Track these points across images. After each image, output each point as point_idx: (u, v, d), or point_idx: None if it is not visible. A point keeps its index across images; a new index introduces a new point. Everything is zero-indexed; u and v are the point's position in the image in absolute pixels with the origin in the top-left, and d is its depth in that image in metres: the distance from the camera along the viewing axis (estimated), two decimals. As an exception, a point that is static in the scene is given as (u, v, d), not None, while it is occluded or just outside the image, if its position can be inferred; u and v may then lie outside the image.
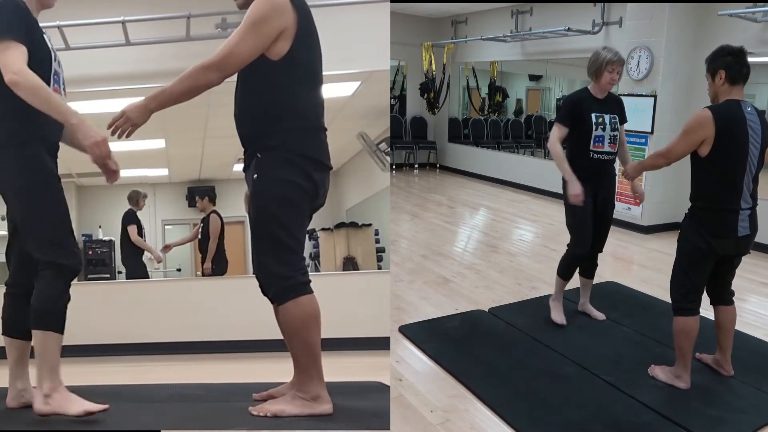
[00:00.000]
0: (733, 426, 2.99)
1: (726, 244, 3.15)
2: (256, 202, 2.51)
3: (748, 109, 3.12)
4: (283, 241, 2.48)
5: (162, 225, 5.91)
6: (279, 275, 2.48)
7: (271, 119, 2.49)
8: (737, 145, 3.08)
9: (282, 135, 2.47)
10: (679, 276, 3.27)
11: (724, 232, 3.13)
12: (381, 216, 5.65)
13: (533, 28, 9.52)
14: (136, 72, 4.71)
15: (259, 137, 2.52)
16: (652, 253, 6.28)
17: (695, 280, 3.22)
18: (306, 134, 2.54)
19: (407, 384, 3.39)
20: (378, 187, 5.54)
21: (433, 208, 8.57)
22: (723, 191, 3.12)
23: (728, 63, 3.13)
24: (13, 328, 2.66)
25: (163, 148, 5.76)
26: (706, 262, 3.20)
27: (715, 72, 3.16)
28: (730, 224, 3.12)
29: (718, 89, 3.18)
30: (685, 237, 3.25)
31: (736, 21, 6.37)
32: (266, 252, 2.50)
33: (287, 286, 2.48)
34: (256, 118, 2.52)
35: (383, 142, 5.32)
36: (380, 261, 5.36)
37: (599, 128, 3.90)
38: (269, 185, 2.48)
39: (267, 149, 2.49)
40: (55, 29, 4.56)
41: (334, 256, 5.40)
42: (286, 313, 2.47)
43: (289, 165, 2.47)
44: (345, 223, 5.46)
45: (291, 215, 2.50)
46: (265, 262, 2.50)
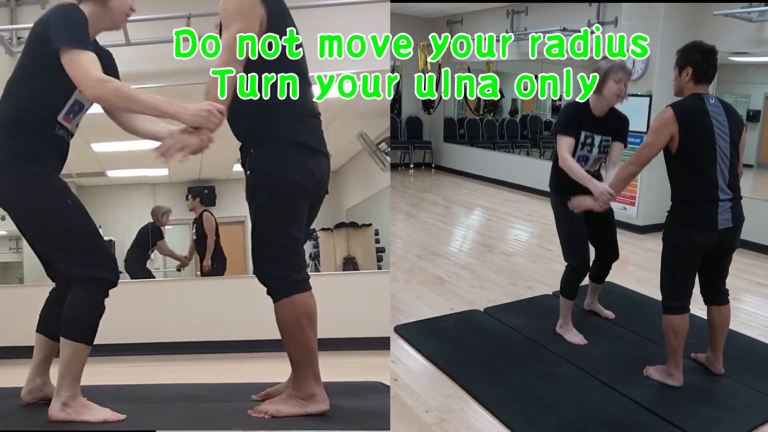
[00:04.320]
0: (727, 426, 3.02)
1: (707, 237, 3.16)
2: (251, 199, 2.52)
3: (711, 101, 3.19)
4: (278, 239, 2.48)
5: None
6: (273, 274, 2.49)
7: (261, 112, 2.49)
8: (703, 136, 3.13)
9: (271, 126, 2.47)
10: (664, 274, 3.31)
11: (704, 224, 3.15)
12: (381, 216, 5.66)
13: (528, 28, 9.55)
14: (136, 72, 4.71)
15: (251, 133, 2.53)
16: (647, 252, 6.31)
17: (681, 278, 3.24)
18: (297, 121, 2.53)
19: (403, 384, 3.40)
20: (378, 187, 5.55)
21: (428, 207, 8.59)
22: (698, 184, 3.16)
23: (696, 61, 3.18)
24: (45, 328, 2.67)
25: (163, 148, 5.74)
26: (690, 258, 3.22)
27: (683, 67, 3.21)
28: (710, 216, 3.14)
29: (683, 84, 3.24)
30: (667, 235, 3.31)
31: (731, 21, 6.41)
32: (261, 249, 2.50)
33: (281, 285, 2.48)
34: (248, 113, 2.51)
35: (383, 142, 5.34)
36: (380, 261, 5.37)
37: (585, 148, 3.81)
38: (262, 182, 2.48)
39: (258, 143, 2.49)
40: (55, 29, 4.57)
41: (334, 256, 5.40)
42: (279, 311, 2.48)
43: (282, 158, 2.46)
44: (345, 223, 5.47)
45: (286, 212, 2.49)
46: (260, 260, 2.51)
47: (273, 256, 2.49)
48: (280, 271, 2.48)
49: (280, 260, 2.49)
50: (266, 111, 2.49)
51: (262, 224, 2.49)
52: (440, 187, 10.49)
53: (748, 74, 7.62)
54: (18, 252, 5.92)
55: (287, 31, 2.54)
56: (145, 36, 4.67)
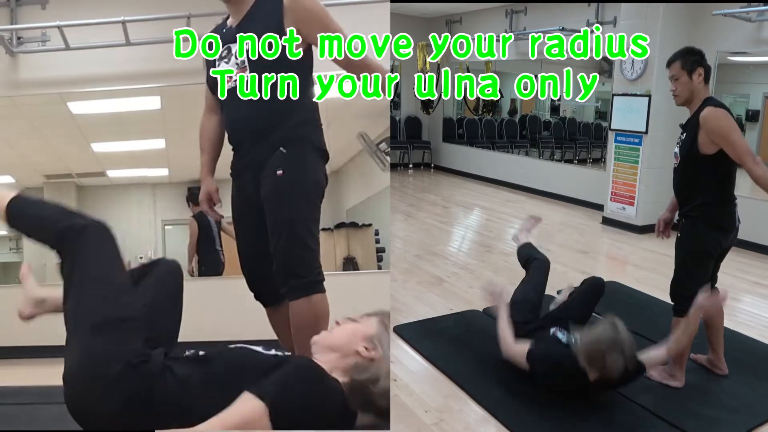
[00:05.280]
0: (727, 426, 3.03)
1: (729, 237, 3.22)
2: (283, 201, 2.50)
3: None
4: (306, 240, 2.50)
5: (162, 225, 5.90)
6: (298, 274, 2.50)
7: (290, 113, 2.51)
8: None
9: (303, 128, 2.51)
10: (683, 278, 3.26)
11: (729, 224, 3.19)
12: (381, 216, 5.67)
13: (527, 28, 9.56)
14: (136, 72, 4.71)
15: (276, 131, 2.51)
16: (646, 252, 6.32)
17: (700, 280, 3.20)
18: (318, 127, 2.60)
19: (401, 384, 3.41)
20: (378, 187, 5.56)
21: (427, 207, 8.60)
22: (726, 185, 3.18)
23: (703, 62, 3.18)
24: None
25: (163, 148, 5.78)
26: (711, 260, 3.24)
27: (693, 69, 3.16)
28: (733, 215, 3.19)
29: (695, 86, 3.17)
30: (689, 240, 3.22)
31: (730, 21, 6.42)
32: (289, 250, 2.50)
33: (303, 284, 2.50)
34: (273, 111, 2.51)
35: (383, 142, 5.34)
36: (380, 261, 5.38)
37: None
38: (299, 183, 2.49)
39: (290, 142, 2.50)
40: (55, 29, 4.57)
41: (334, 256, 5.41)
42: (298, 309, 2.50)
43: (313, 161, 2.51)
44: (345, 223, 5.48)
45: (313, 213, 2.54)
46: (286, 260, 2.50)
47: (300, 257, 2.51)
48: (305, 271, 2.51)
49: (306, 261, 2.52)
50: (301, 110, 2.53)
51: (292, 225, 2.49)
52: (439, 187, 10.50)
53: (746, 74, 7.62)
54: (18, 252, 5.91)
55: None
56: (145, 36, 4.66)
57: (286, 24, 2.48)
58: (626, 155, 7.26)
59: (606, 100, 8.86)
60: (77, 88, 4.88)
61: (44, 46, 4.80)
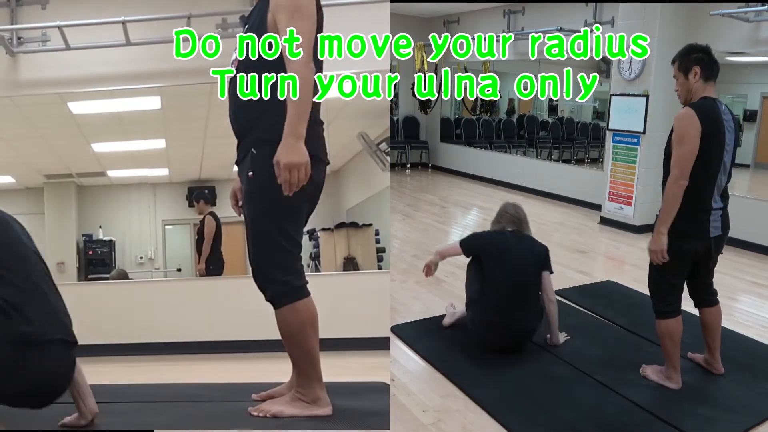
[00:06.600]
0: (724, 425, 3.03)
1: (696, 244, 3.14)
2: (252, 202, 2.45)
3: (723, 109, 3.14)
4: (280, 244, 2.43)
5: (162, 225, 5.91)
6: (275, 279, 2.44)
7: (267, 111, 2.42)
8: (717, 146, 3.08)
9: (277, 128, 2.33)
10: (656, 280, 3.27)
11: (693, 230, 3.11)
12: (381, 216, 5.68)
13: (525, 28, 9.56)
14: (136, 72, 4.72)
15: (251, 130, 2.46)
16: (644, 252, 6.27)
17: (672, 282, 3.21)
18: (311, 127, 2.44)
19: (399, 384, 3.40)
20: (378, 187, 5.57)
21: (425, 207, 8.59)
22: (696, 191, 3.07)
23: (701, 59, 3.13)
24: None
25: (163, 148, 5.76)
26: (680, 263, 3.18)
27: (689, 69, 3.14)
28: (701, 223, 3.12)
29: (692, 86, 3.15)
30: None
31: (728, 21, 6.42)
32: (262, 255, 2.46)
33: (283, 291, 2.44)
34: (253, 109, 2.46)
35: (383, 142, 5.35)
36: (380, 261, 5.39)
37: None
38: (266, 185, 2.37)
39: (262, 144, 2.41)
40: (56, 29, 4.58)
41: (334, 256, 5.41)
42: (282, 318, 2.45)
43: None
44: (345, 223, 5.48)
45: (289, 217, 2.45)
46: (261, 265, 2.47)
47: (276, 260, 2.44)
48: (282, 276, 2.44)
49: (282, 265, 2.45)
50: (275, 112, 2.37)
51: (264, 228, 2.43)
52: (437, 187, 10.50)
53: (744, 74, 7.65)
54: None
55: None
56: (145, 36, 4.67)
57: (269, 18, 2.43)
58: (624, 155, 7.27)
59: (604, 100, 8.89)
60: (77, 88, 4.89)
61: (44, 46, 4.81)
